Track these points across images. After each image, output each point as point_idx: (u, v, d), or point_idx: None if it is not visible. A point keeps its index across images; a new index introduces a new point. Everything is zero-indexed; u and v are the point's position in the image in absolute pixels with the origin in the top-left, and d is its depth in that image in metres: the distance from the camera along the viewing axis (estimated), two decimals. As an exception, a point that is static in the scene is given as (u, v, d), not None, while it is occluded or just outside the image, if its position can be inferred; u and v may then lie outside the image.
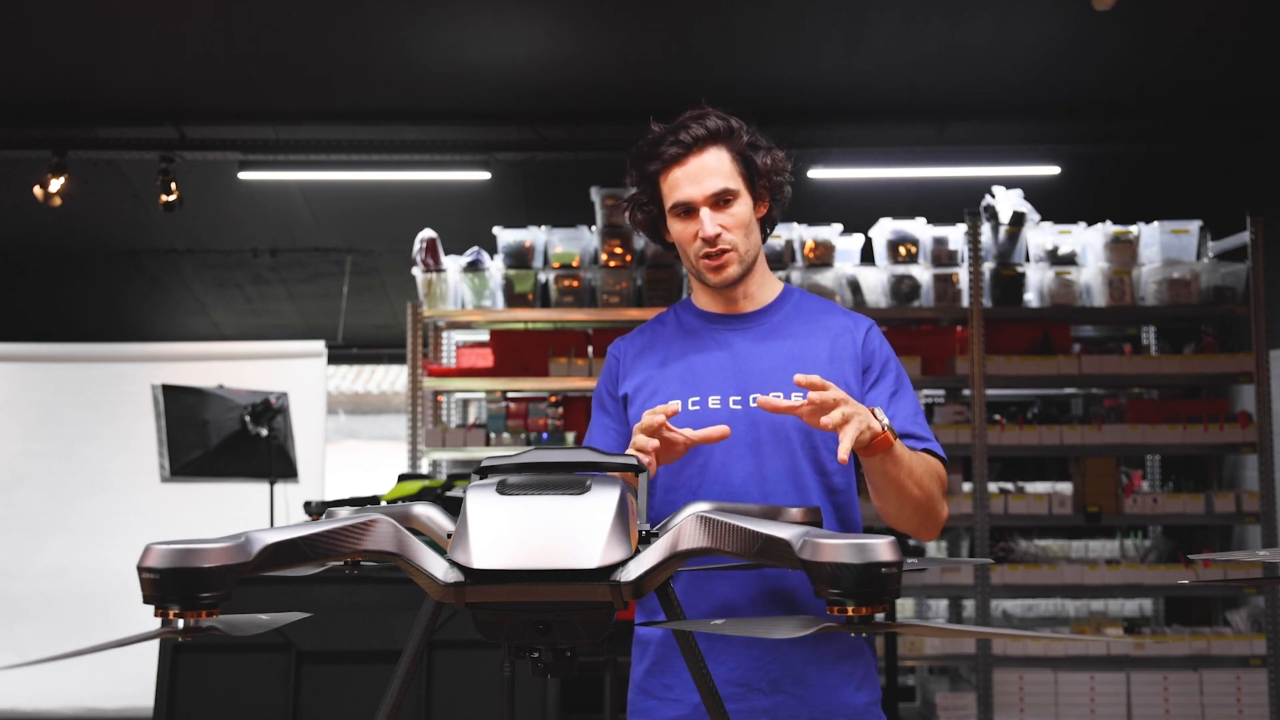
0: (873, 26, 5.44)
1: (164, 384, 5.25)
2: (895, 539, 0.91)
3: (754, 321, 1.93)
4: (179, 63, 5.74)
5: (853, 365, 1.88)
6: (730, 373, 1.87)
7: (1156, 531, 5.88)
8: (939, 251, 5.24)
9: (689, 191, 1.83)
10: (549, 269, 5.32)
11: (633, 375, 1.93)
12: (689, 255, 1.89)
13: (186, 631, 0.93)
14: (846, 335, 1.90)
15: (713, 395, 1.85)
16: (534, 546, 1.02)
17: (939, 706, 5.05)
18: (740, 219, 1.85)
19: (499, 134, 6.40)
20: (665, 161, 1.85)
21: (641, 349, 1.96)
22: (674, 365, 1.90)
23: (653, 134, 1.88)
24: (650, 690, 1.85)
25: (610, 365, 1.99)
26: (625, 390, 1.93)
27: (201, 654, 2.94)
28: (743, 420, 1.82)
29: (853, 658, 1.83)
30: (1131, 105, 6.18)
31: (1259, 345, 5.05)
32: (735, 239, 1.85)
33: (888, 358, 1.92)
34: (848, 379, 1.86)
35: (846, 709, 1.80)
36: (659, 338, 1.97)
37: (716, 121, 1.85)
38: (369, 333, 9.85)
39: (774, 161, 1.88)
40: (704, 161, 1.83)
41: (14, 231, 7.99)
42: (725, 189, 1.83)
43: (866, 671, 1.85)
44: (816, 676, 1.80)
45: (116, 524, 6.77)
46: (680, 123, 1.86)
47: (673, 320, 1.99)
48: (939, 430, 5.10)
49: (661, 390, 1.88)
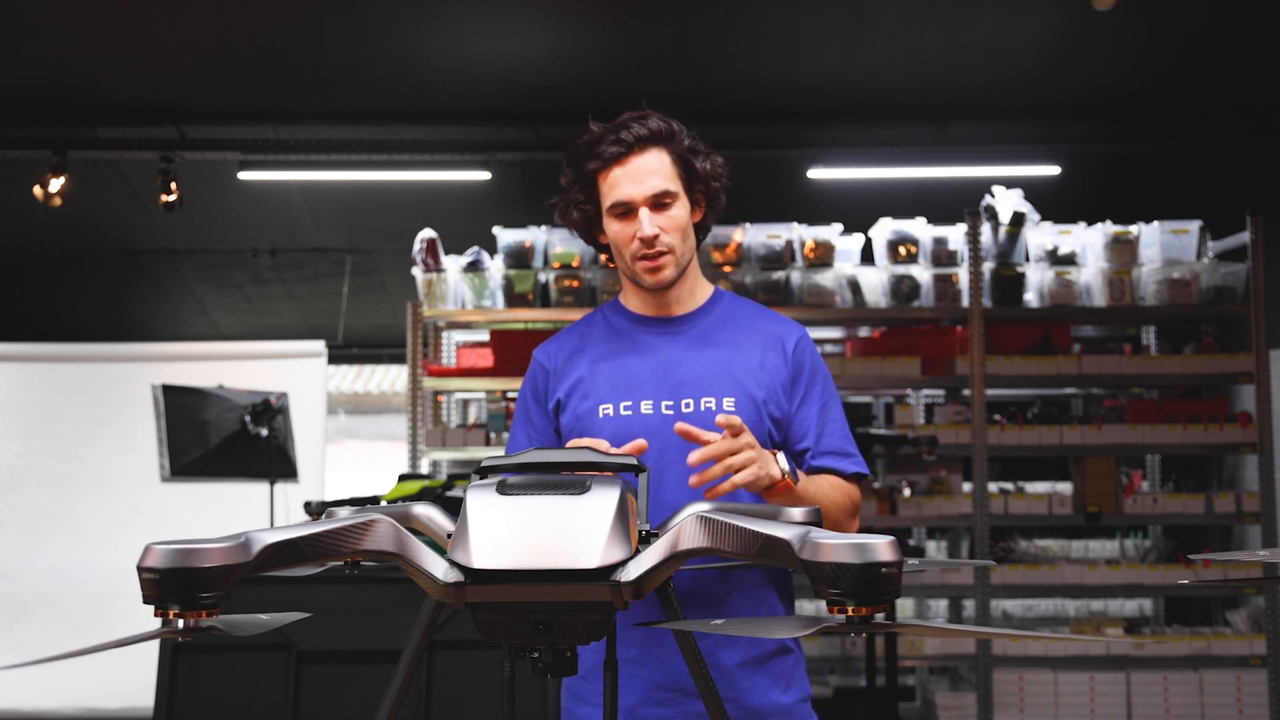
0: (873, 26, 5.44)
1: (164, 384, 5.25)
2: (895, 539, 0.91)
3: (685, 325, 1.92)
4: (179, 63, 5.74)
5: (782, 373, 1.88)
6: (661, 377, 1.86)
7: (1156, 531, 5.88)
8: (939, 251, 5.24)
9: (629, 191, 1.82)
10: (549, 269, 5.32)
11: (564, 380, 1.91)
12: (624, 256, 1.87)
13: (186, 631, 0.93)
14: (778, 342, 1.90)
15: (644, 400, 1.85)
16: (534, 546, 1.02)
17: (939, 706, 5.05)
18: (678, 221, 1.84)
19: (499, 134, 6.40)
20: (605, 160, 1.83)
21: (571, 353, 1.93)
22: (604, 368, 1.89)
23: (591, 133, 1.86)
24: (584, 696, 1.85)
25: (537, 374, 1.95)
26: (558, 397, 1.91)
27: (201, 654, 2.94)
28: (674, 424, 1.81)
29: (780, 658, 1.85)
30: (1131, 105, 6.18)
31: (1259, 345, 5.05)
32: (673, 241, 1.84)
33: (816, 369, 1.91)
34: (775, 385, 1.87)
35: (777, 708, 1.82)
36: (588, 340, 1.94)
37: (659, 123, 1.84)
38: (369, 333, 9.86)
39: (713, 166, 1.88)
40: (645, 162, 1.82)
41: (14, 231, 7.99)
42: (665, 190, 1.82)
43: (795, 670, 1.86)
44: (748, 679, 1.81)
45: (116, 524, 6.77)
46: (621, 122, 1.85)
47: (601, 322, 1.97)
48: (939, 430, 5.11)
49: (593, 394, 1.87)
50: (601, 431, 1.84)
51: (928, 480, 5.22)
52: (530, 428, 1.94)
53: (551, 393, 1.92)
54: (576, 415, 1.87)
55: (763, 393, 1.85)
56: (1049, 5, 5.24)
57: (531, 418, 1.94)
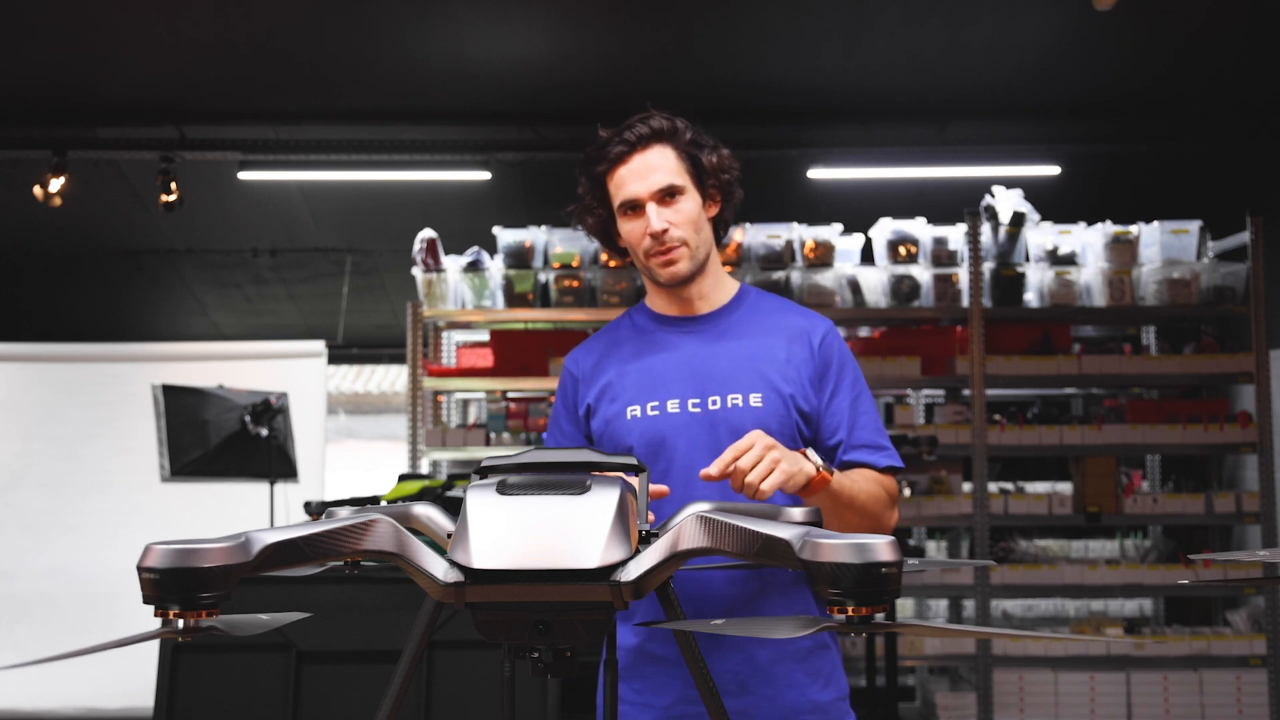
0: (873, 26, 5.44)
1: (164, 384, 5.25)
2: (895, 539, 0.91)
3: (709, 323, 1.92)
4: (179, 63, 5.74)
5: (809, 367, 1.87)
6: (687, 375, 1.86)
7: (1156, 531, 5.88)
8: (939, 251, 5.24)
9: (635, 188, 1.85)
10: (549, 269, 5.32)
11: (593, 385, 1.92)
12: (639, 253, 1.89)
13: (186, 631, 0.93)
14: (804, 336, 1.89)
15: (671, 399, 1.85)
16: (534, 546, 1.02)
17: (939, 706, 5.05)
18: (688, 214, 1.85)
19: (499, 134, 6.40)
20: (611, 161, 1.86)
21: (599, 358, 1.94)
22: (631, 370, 1.89)
23: (599, 138, 1.90)
24: (621, 695, 1.85)
25: (566, 383, 1.96)
26: (588, 402, 1.91)
27: (201, 654, 2.94)
28: (702, 422, 1.82)
29: (818, 655, 1.84)
30: (1131, 105, 6.18)
31: (1259, 345, 5.05)
32: (684, 234, 1.85)
33: (845, 361, 1.90)
34: (802, 379, 1.86)
35: (813, 706, 1.81)
36: (614, 343, 1.96)
37: (660, 121, 1.86)
38: (369, 333, 9.86)
39: (720, 159, 1.89)
40: (648, 159, 1.85)
41: (14, 231, 7.99)
42: (671, 184, 1.84)
43: (833, 668, 1.85)
44: (784, 676, 1.80)
45: (116, 524, 6.77)
46: (625, 124, 1.88)
47: (627, 324, 1.98)
48: (939, 430, 5.11)
49: (621, 395, 1.87)
50: (630, 433, 1.84)
51: (928, 480, 5.22)
52: (561, 435, 1.95)
53: (581, 399, 1.93)
54: (606, 419, 1.87)
55: (790, 387, 1.84)
56: (1049, 5, 5.24)
57: (562, 425, 1.95)
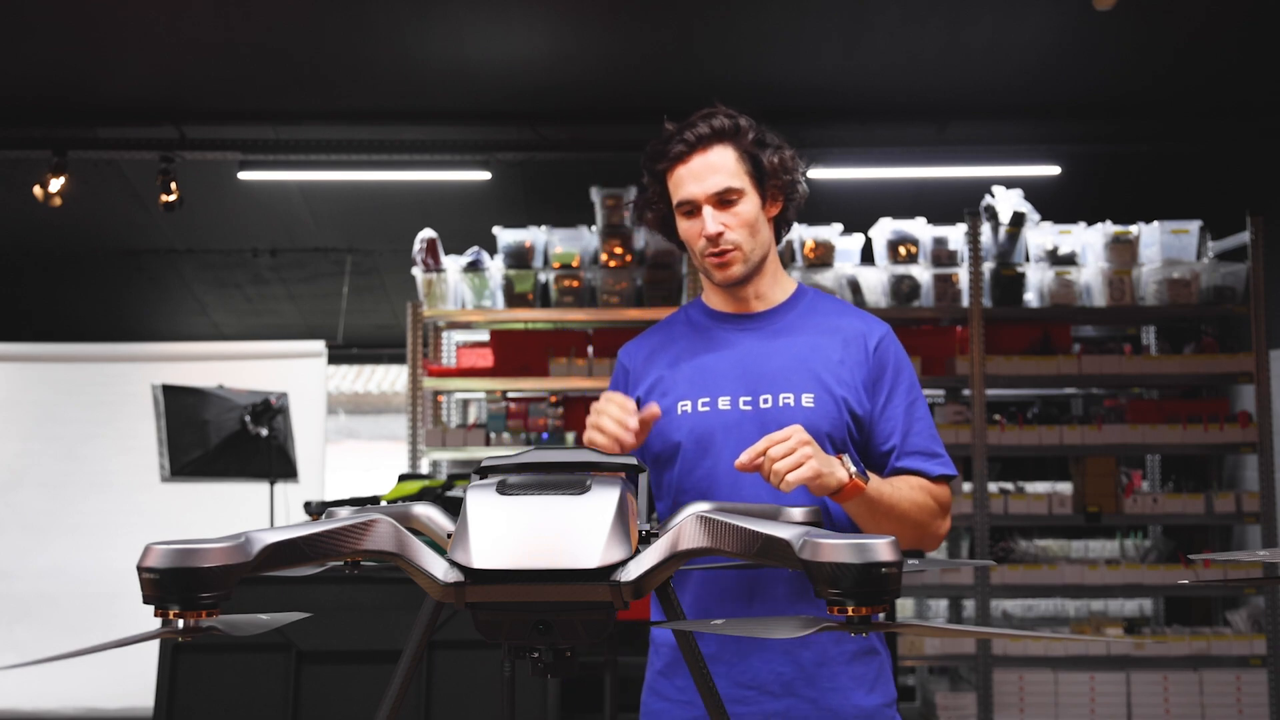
0: (873, 26, 5.44)
1: (164, 384, 5.25)
2: (895, 539, 0.91)
3: (765, 321, 1.91)
4: (179, 63, 5.74)
5: (863, 370, 1.85)
6: (740, 373, 1.85)
7: (1156, 531, 5.88)
8: (939, 251, 5.24)
9: (692, 190, 1.83)
10: (549, 269, 5.32)
11: (645, 379, 1.92)
12: (695, 253, 1.89)
13: (186, 631, 0.93)
14: (859, 339, 1.87)
15: (722, 396, 1.84)
16: (534, 546, 1.02)
17: (939, 706, 5.05)
18: (745, 218, 1.84)
19: (499, 134, 6.40)
20: (671, 160, 1.85)
21: (652, 351, 1.94)
22: (684, 365, 1.89)
23: (665, 132, 1.88)
24: (662, 692, 1.85)
25: (619, 375, 1.97)
26: (637, 395, 1.90)
27: (201, 654, 2.94)
28: (753, 421, 1.80)
29: (865, 659, 1.81)
30: (1131, 105, 6.18)
31: (1259, 345, 5.05)
32: (738, 238, 1.84)
33: (901, 367, 1.88)
34: (855, 382, 1.84)
35: (858, 711, 1.78)
36: (669, 338, 1.95)
37: (723, 120, 1.84)
38: (369, 333, 9.85)
39: (782, 160, 1.86)
40: (708, 160, 1.83)
41: (14, 231, 7.99)
42: (728, 187, 1.82)
43: (880, 673, 1.82)
44: (829, 679, 1.78)
45: (116, 524, 6.77)
46: (688, 121, 1.86)
47: (683, 320, 1.98)
48: (939, 430, 5.10)
49: (671, 391, 1.87)
50: (680, 429, 1.83)
51: (928, 480, 5.21)
52: None
53: (631, 392, 1.92)
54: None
55: (843, 389, 1.82)
56: (1049, 5, 5.24)
57: None
